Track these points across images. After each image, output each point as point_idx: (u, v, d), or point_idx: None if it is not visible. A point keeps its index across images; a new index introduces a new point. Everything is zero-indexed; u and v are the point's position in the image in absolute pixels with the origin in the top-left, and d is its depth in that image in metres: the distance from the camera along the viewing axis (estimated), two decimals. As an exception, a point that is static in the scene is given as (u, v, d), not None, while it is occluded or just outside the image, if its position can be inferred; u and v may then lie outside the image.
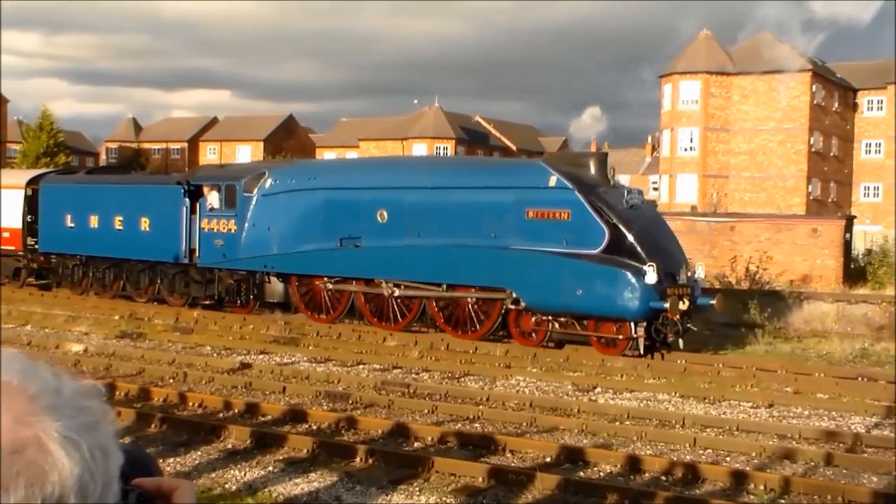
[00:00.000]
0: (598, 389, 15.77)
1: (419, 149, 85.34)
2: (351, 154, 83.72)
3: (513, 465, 10.47)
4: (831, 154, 70.47)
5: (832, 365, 18.99)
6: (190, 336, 20.81)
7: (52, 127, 69.83)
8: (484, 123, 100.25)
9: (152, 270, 26.48)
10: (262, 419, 12.62)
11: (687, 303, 18.57)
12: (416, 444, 11.40)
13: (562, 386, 16.02)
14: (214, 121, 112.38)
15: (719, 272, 33.13)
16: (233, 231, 23.95)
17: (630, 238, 18.66)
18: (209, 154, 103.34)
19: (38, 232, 29.02)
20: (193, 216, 24.86)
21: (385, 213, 21.57)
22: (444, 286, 20.83)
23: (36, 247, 29.33)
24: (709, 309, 19.99)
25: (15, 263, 30.43)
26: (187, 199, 24.99)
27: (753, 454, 11.26)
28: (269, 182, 23.67)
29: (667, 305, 18.02)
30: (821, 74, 68.54)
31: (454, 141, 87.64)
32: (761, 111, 66.50)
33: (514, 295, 19.71)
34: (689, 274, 19.46)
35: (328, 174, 24.30)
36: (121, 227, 26.60)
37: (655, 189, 77.79)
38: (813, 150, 66.81)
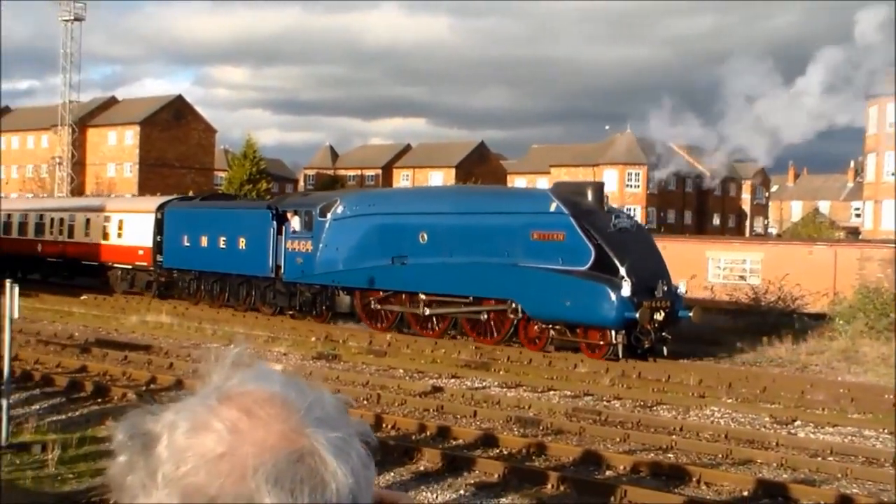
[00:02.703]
0: (798, 422, 15.20)
1: (610, 175, 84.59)
2: (542, 181, 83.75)
3: (708, 497, 10.20)
4: None
5: None
6: (383, 359, 21.24)
7: (255, 155, 72.67)
8: (676, 149, 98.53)
9: (248, 284, 30.64)
10: (454, 442, 12.73)
11: (663, 314, 21.26)
12: (607, 473, 11.26)
13: (758, 418, 15.52)
14: (408, 148, 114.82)
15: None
16: (309, 251, 27.72)
17: (612, 256, 21.28)
18: (402, 180, 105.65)
19: (163, 250, 33.79)
20: (280, 237, 28.82)
21: (425, 235, 24.85)
22: (471, 298, 23.88)
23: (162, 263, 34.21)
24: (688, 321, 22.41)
25: (147, 277, 35.61)
26: (275, 223, 28.97)
27: (971, 497, 10.60)
28: (339, 208, 27.28)
29: (637, 316, 20.49)
30: None
31: (646, 167, 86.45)
32: (977, 133, 62.80)
33: (514, 305, 22.74)
34: (666, 289, 21.67)
35: (384, 201, 28.11)
36: (224, 246, 31.07)
37: (858, 216, 74.61)
38: None
